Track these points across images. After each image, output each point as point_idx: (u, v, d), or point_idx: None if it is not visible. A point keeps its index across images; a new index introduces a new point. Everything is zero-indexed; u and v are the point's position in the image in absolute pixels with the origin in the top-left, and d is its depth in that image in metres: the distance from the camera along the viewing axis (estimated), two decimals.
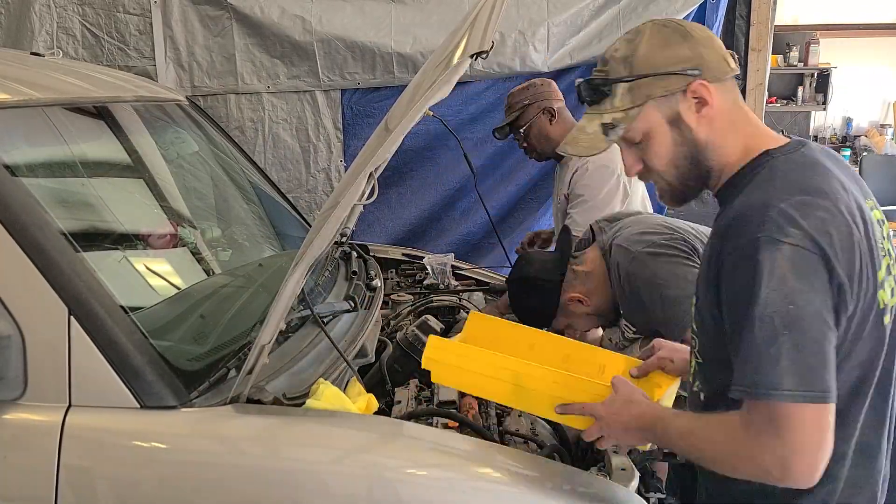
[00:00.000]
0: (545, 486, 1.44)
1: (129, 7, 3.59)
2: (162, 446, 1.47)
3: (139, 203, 2.15)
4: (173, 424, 1.47)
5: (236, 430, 1.50)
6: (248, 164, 2.80)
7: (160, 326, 1.66)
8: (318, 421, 1.54)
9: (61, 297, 1.45)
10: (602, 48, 3.66)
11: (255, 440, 1.50)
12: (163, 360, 1.52)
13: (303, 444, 1.51)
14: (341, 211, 1.47)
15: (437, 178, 3.86)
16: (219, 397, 1.52)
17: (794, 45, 7.71)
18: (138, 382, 1.46)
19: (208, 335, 1.75)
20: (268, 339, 1.49)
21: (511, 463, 1.50)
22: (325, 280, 2.27)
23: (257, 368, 1.52)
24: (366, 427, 1.57)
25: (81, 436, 1.44)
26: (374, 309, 2.21)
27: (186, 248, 2.14)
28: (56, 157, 1.89)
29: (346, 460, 1.49)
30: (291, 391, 1.60)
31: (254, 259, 2.40)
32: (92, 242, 1.75)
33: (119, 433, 1.47)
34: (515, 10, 3.60)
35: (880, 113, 8.04)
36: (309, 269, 1.50)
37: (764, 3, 3.76)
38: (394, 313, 2.58)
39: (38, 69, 2.19)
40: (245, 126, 3.72)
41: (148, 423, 1.46)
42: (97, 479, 1.43)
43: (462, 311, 2.61)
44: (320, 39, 3.58)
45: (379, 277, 2.52)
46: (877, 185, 6.83)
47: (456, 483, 1.44)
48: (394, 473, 1.44)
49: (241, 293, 2.00)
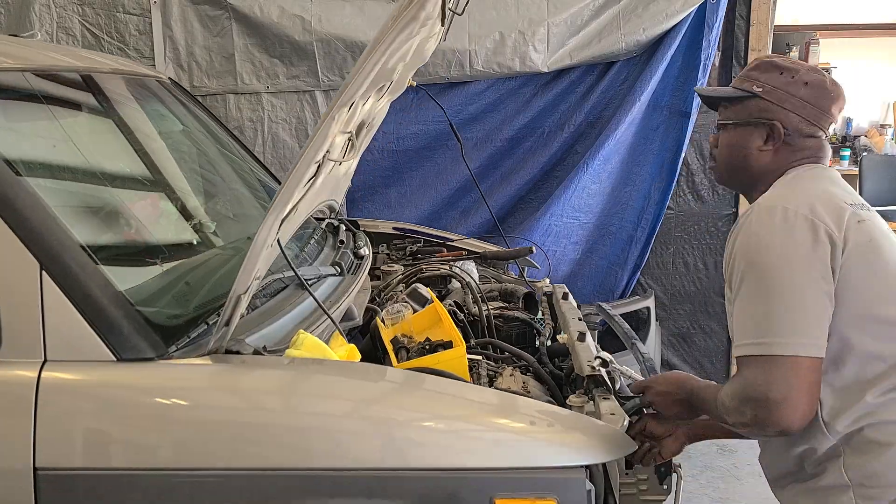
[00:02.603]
0: (561, 433, 1.46)
1: (129, 7, 3.58)
2: (138, 397, 1.46)
3: (120, 165, 2.13)
4: (150, 376, 1.46)
5: (212, 380, 1.50)
6: (229, 139, 2.79)
7: (136, 283, 1.65)
8: (301, 370, 1.54)
9: (32, 252, 1.44)
10: (602, 48, 3.69)
11: (232, 391, 1.50)
12: (139, 313, 1.51)
13: (301, 395, 1.51)
14: (311, 152, 1.47)
15: (437, 178, 3.86)
16: (198, 350, 1.52)
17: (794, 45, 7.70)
18: (113, 335, 1.45)
19: (187, 292, 1.74)
20: (243, 288, 1.49)
21: (531, 412, 1.52)
22: (311, 249, 2.26)
23: (235, 319, 1.52)
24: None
25: (57, 390, 1.43)
26: (360, 274, 2.21)
27: (168, 213, 2.13)
28: (29, 119, 1.87)
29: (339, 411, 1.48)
30: (272, 345, 1.60)
31: (238, 226, 2.38)
32: (66, 201, 1.74)
33: (95, 385, 1.46)
34: (515, 10, 3.60)
35: (880, 113, 8.03)
36: (283, 219, 1.50)
37: (764, 3, 3.76)
38: (384, 283, 2.59)
39: (14, 43, 2.19)
40: (244, 126, 3.72)
41: (124, 376, 1.45)
42: (74, 433, 1.43)
43: (453, 280, 2.62)
44: (320, 39, 3.58)
45: (367, 247, 2.53)
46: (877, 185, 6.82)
47: (474, 433, 1.46)
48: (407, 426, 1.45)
49: (222, 259, 1.99)
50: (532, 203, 3.86)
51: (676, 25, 3.62)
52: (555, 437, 1.46)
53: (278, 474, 1.41)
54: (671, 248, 4.04)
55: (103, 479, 1.41)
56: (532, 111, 3.78)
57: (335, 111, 1.48)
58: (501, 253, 3.06)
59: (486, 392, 1.66)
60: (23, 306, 1.44)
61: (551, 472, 1.41)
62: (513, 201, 3.87)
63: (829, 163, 1.66)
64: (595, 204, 3.85)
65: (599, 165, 3.74)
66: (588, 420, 1.54)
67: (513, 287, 2.69)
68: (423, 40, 1.97)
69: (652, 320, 3.62)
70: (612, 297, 3.97)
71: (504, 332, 2.33)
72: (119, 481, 1.41)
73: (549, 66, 3.65)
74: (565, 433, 1.47)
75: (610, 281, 4.00)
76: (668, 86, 3.75)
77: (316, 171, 1.69)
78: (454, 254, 2.99)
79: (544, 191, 3.84)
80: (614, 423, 1.53)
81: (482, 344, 2.20)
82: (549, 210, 3.75)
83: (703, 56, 3.66)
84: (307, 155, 1.48)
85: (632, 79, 3.72)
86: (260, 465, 1.40)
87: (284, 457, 1.41)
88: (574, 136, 3.82)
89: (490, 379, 1.93)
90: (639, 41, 3.64)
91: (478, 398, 1.57)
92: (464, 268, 2.69)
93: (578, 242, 3.90)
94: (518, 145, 3.84)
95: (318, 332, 1.74)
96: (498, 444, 1.45)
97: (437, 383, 1.60)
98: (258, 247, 1.47)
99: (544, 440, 1.46)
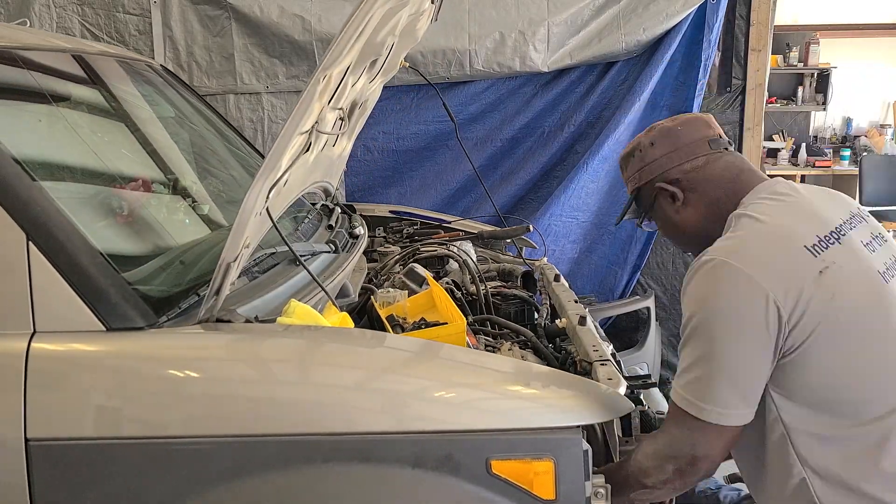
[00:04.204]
0: (556, 393, 1.46)
1: (129, 7, 3.58)
2: (129, 366, 1.45)
3: (109, 142, 2.11)
4: (140, 345, 1.46)
5: (203, 349, 1.49)
6: (221, 122, 2.78)
7: (125, 253, 1.65)
8: (296, 335, 1.54)
9: (18, 223, 1.44)
10: (602, 48, 3.69)
11: (224, 357, 1.49)
12: (127, 281, 1.51)
13: (290, 361, 1.51)
14: (297, 118, 1.47)
15: (437, 178, 3.86)
16: (189, 320, 1.52)
17: (794, 45, 7.70)
18: (102, 305, 1.44)
19: (179, 268, 1.74)
20: (232, 256, 1.48)
21: (525, 374, 1.52)
22: (305, 227, 2.26)
23: (225, 288, 1.51)
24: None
25: (47, 361, 1.43)
26: (355, 252, 2.20)
27: (160, 194, 2.12)
28: (15, 95, 1.86)
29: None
30: (264, 315, 1.60)
31: (231, 207, 2.36)
32: (55, 173, 1.73)
33: (85, 355, 1.45)
34: (515, 10, 3.60)
35: (880, 113, 8.03)
36: (271, 187, 1.49)
37: (764, 3, 3.76)
38: (381, 265, 2.59)
39: (2, 26, 2.19)
40: (244, 126, 3.71)
41: (114, 345, 1.45)
42: (65, 403, 1.42)
43: (451, 260, 2.62)
44: (320, 39, 3.57)
45: (363, 227, 2.53)
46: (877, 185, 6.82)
47: (468, 395, 1.46)
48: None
49: (215, 239, 1.98)
50: (532, 203, 3.86)
51: (677, 25, 3.61)
52: (550, 398, 1.46)
53: (273, 441, 1.39)
54: (671, 247, 4.04)
55: (96, 449, 1.41)
56: (532, 111, 3.78)
57: (319, 74, 1.47)
58: (498, 232, 3.05)
59: (479, 355, 1.65)
60: (10, 277, 1.44)
61: (547, 433, 1.39)
62: (513, 201, 3.87)
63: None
64: (594, 203, 3.85)
65: (599, 165, 3.74)
66: (583, 381, 1.54)
67: (511, 266, 2.69)
68: (412, 17, 1.96)
69: (652, 320, 3.62)
70: (612, 296, 3.97)
71: (503, 310, 2.32)
72: (113, 450, 1.41)
73: (549, 66, 3.65)
74: (560, 393, 1.46)
75: (609, 281, 4.00)
76: (668, 86, 3.75)
77: (307, 145, 1.68)
78: (451, 234, 2.99)
79: (544, 191, 3.84)
80: (612, 387, 1.53)
81: (480, 320, 2.20)
82: (548, 210, 3.74)
83: (703, 56, 3.66)
84: (293, 120, 1.47)
85: (632, 79, 3.72)
86: (256, 432, 1.39)
87: (281, 424, 1.40)
88: (574, 136, 3.82)
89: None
90: (639, 41, 3.63)
91: (471, 361, 1.57)
92: (461, 248, 2.69)
93: (577, 242, 3.90)
94: (518, 145, 3.84)
95: (311, 304, 1.74)
96: (492, 406, 1.45)
97: (430, 348, 1.60)
98: (246, 213, 1.46)
99: (539, 401, 1.46)
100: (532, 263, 2.77)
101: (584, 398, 1.45)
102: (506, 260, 2.90)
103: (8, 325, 1.44)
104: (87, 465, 1.41)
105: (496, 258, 2.93)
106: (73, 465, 1.41)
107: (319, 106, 1.59)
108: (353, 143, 2.71)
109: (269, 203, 1.60)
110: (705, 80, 3.72)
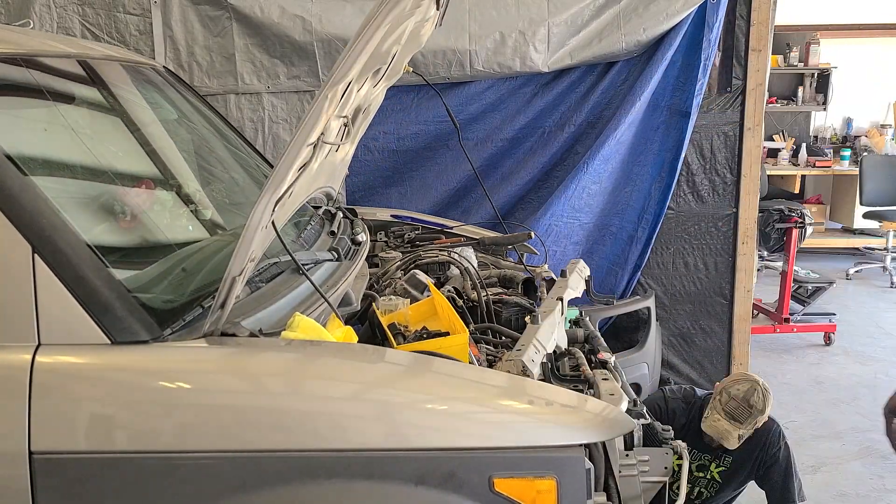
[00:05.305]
0: (560, 411, 1.47)
1: (129, 7, 3.58)
2: (133, 380, 1.45)
3: (114, 148, 2.11)
4: (144, 359, 1.45)
5: (207, 362, 1.49)
6: (224, 125, 2.78)
7: (129, 264, 1.65)
8: (299, 350, 1.54)
9: (23, 235, 1.43)
10: (602, 48, 3.70)
11: (227, 372, 1.49)
12: (132, 295, 1.50)
13: (303, 377, 1.50)
14: (304, 133, 1.47)
15: (437, 178, 3.86)
16: (193, 333, 1.52)
17: (794, 45, 7.71)
18: (107, 318, 1.44)
19: (182, 276, 1.73)
20: (238, 270, 1.48)
21: (529, 392, 1.53)
22: (308, 235, 2.26)
23: (230, 302, 1.51)
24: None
25: (52, 374, 1.42)
26: (357, 259, 2.21)
27: (163, 199, 2.12)
28: (21, 103, 1.86)
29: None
30: (268, 328, 1.60)
31: (234, 211, 2.37)
32: (59, 185, 1.72)
33: (89, 369, 1.45)
34: (516, 10, 3.60)
35: (880, 113, 8.04)
36: (277, 201, 1.49)
37: (764, 3, 3.76)
38: (382, 270, 2.59)
39: (6, 30, 2.17)
40: (245, 126, 3.71)
41: (118, 359, 1.44)
42: (70, 416, 1.42)
43: (452, 266, 2.62)
44: (320, 39, 3.57)
45: (365, 233, 2.52)
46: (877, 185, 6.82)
47: (472, 413, 1.46)
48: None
49: (218, 244, 1.98)
50: (532, 203, 3.86)
51: (677, 25, 3.62)
52: (553, 416, 1.46)
53: (277, 456, 1.40)
54: (671, 248, 4.05)
55: (99, 462, 1.41)
56: (532, 111, 3.79)
57: (327, 90, 1.48)
58: (499, 238, 3.06)
59: (484, 372, 1.65)
60: (16, 290, 1.43)
61: (550, 451, 1.40)
62: (513, 201, 3.87)
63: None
64: (595, 204, 3.86)
65: (600, 165, 3.74)
66: (586, 399, 1.54)
67: (512, 273, 2.69)
68: (418, 24, 1.96)
69: (652, 320, 3.63)
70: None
71: (503, 317, 2.33)
72: (115, 464, 1.41)
73: (549, 66, 3.65)
74: (563, 412, 1.47)
75: (610, 281, 4.01)
76: (669, 86, 3.75)
77: (312, 155, 1.68)
78: (452, 240, 2.99)
79: (545, 191, 3.84)
80: (614, 403, 1.54)
81: (481, 329, 2.21)
82: (549, 210, 3.75)
83: (704, 56, 3.67)
84: (300, 135, 1.47)
85: (632, 79, 3.72)
86: (259, 448, 1.40)
87: (283, 439, 1.40)
88: (574, 136, 3.82)
89: (490, 364, 1.94)
90: (639, 41, 3.64)
91: (476, 378, 1.57)
92: (462, 254, 2.69)
93: (579, 242, 3.90)
94: (518, 145, 3.84)
95: (315, 315, 1.74)
96: (496, 424, 1.45)
97: (435, 364, 1.60)
98: (252, 228, 1.46)
99: (542, 419, 1.46)
100: (533, 270, 2.77)
101: (587, 417, 1.46)
102: (507, 266, 2.91)
103: (13, 338, 1.43)
104: (90, 479, 1.41)
105: (497, 264, 2.93)
106: (77, 479, 1.41)
107: (326, 118, 1.60)
108: (355, 147, 2.71)
109: (275, 216, 1.60)
110: (705, 80, 3.72)
